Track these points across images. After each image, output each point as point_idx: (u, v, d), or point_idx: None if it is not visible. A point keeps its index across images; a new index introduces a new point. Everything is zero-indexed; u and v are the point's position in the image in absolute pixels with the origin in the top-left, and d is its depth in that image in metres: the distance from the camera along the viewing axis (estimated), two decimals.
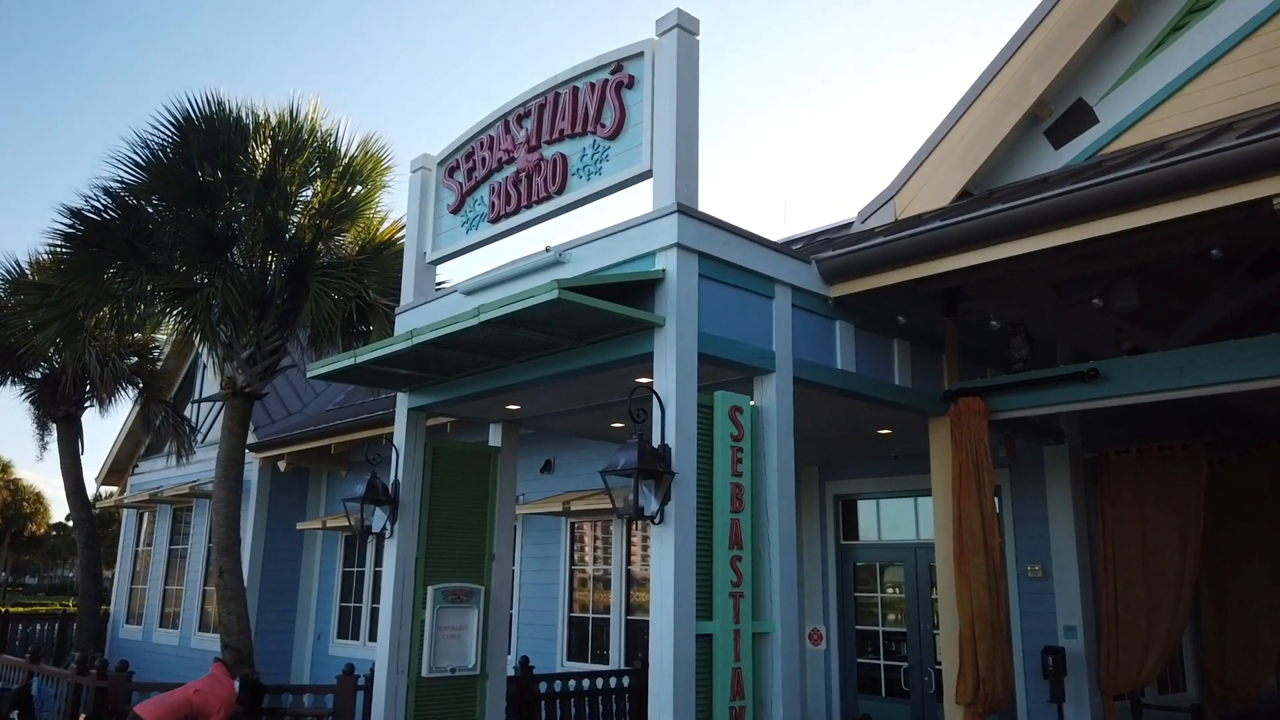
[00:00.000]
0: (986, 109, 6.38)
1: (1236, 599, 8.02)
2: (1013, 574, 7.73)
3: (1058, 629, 7.38)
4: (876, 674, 8.91)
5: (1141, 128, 5.92)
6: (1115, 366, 6.00)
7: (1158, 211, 4.75)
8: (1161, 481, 7.09)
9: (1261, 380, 5.42)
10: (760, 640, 5.36)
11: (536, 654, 10.33)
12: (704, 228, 5.38)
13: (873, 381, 6.37)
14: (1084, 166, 5.88)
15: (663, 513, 5.00)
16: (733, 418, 5.40)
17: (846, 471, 9.45)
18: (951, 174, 6.53)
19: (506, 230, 6.54)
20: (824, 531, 9.49)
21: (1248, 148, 4.37)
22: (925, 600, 8.52)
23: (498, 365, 6.29)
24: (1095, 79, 6.15)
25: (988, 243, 5.44)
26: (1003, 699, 6.15)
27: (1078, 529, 7.46)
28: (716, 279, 5.45)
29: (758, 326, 5.69)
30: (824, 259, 6.11)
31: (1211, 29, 5.67)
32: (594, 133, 5.92)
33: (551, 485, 11.32)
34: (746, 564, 5.32)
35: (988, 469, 6.32)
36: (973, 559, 6.18)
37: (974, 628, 6.10)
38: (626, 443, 5.01)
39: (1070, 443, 7.59)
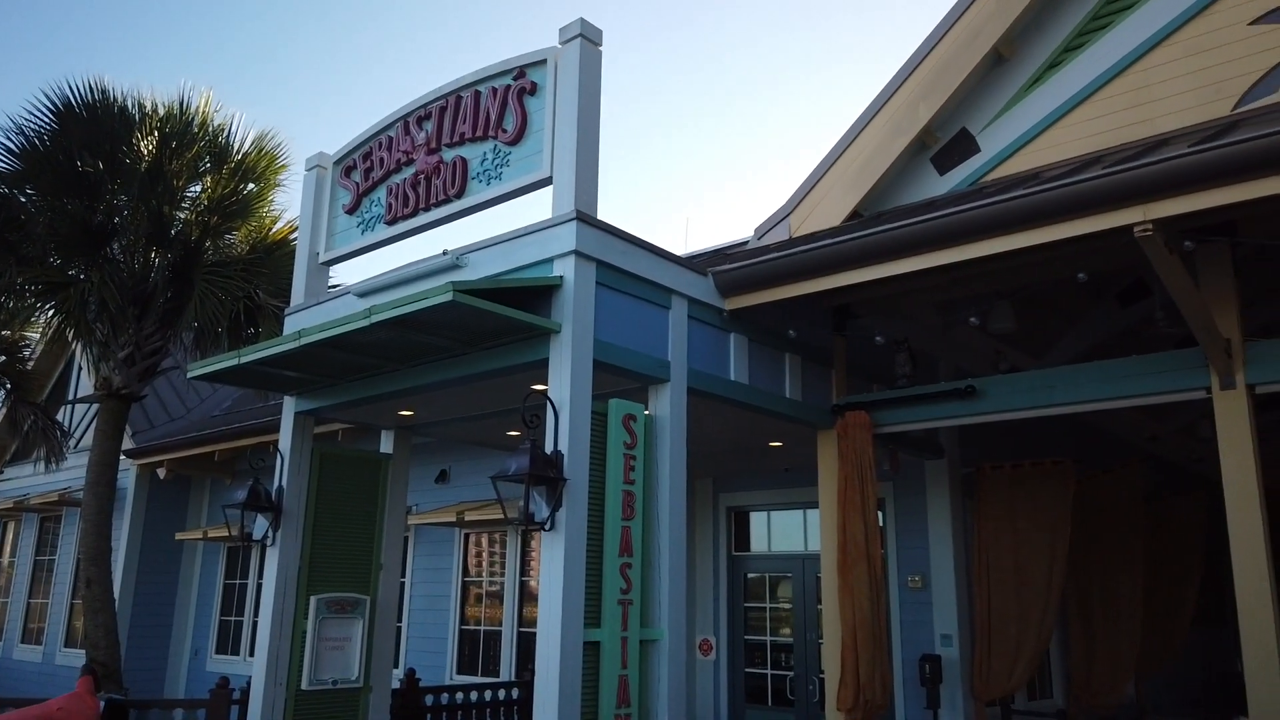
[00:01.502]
0: (877, 134, 6.62)
1: (1100, 609, 8.48)
2: (894, 584, 7.98)
3: (935, 638, 7.65)
4: (764, 683, 9.05)
5: (1019, 158, 6.25)
6: (991, 384, 6.29)
7: (1031, 235, 5.02)
8: (1033, 496, 7.45)
9: (1121, 400, 5.76)
10: (648, 648, 5.38)
11: (426, 667, 10.11)
12: (603, 236, 5.42)
13: (765, 394, 6.51)
14: (966, 192, 6.16)
15: (554, 519, 4.99)
16: (627, 426, 5.43)
17: (739, 484, 9.60)
18: (843, 195, 6.75)
19: (404, 232, 6.45)
20: (716, 542, 9.61)
21: (1113, 178, 4.67)
22: (812, 610, 8.72)
23: (390, 369, 6.17)
24: (978, 110, 6.46)
25: (875, 261, 5.64)
26: (881, 705, 6.33)
27: (955, 541, 7.76)
28: (614, 287, 5.48)
29: (654, 336, 5.75)
30: (720, 272, 6.22)
31: (1085, 67, 6.04)
32: (495, 137, 5.91)
33: (446, 496, 11.14)
34: (636, 572, 5.35)
35: (872, 481, 6.52)
36: (855, 569, 6.36)
37: (855, 636, 6.27)
38: (519, 448, 4.99)
39: (950, 457, 7.90)
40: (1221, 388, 5.27)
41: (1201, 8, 5.59)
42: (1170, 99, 5.61)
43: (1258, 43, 5.41)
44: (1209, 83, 5.49)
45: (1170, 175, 4.46)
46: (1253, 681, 4.95)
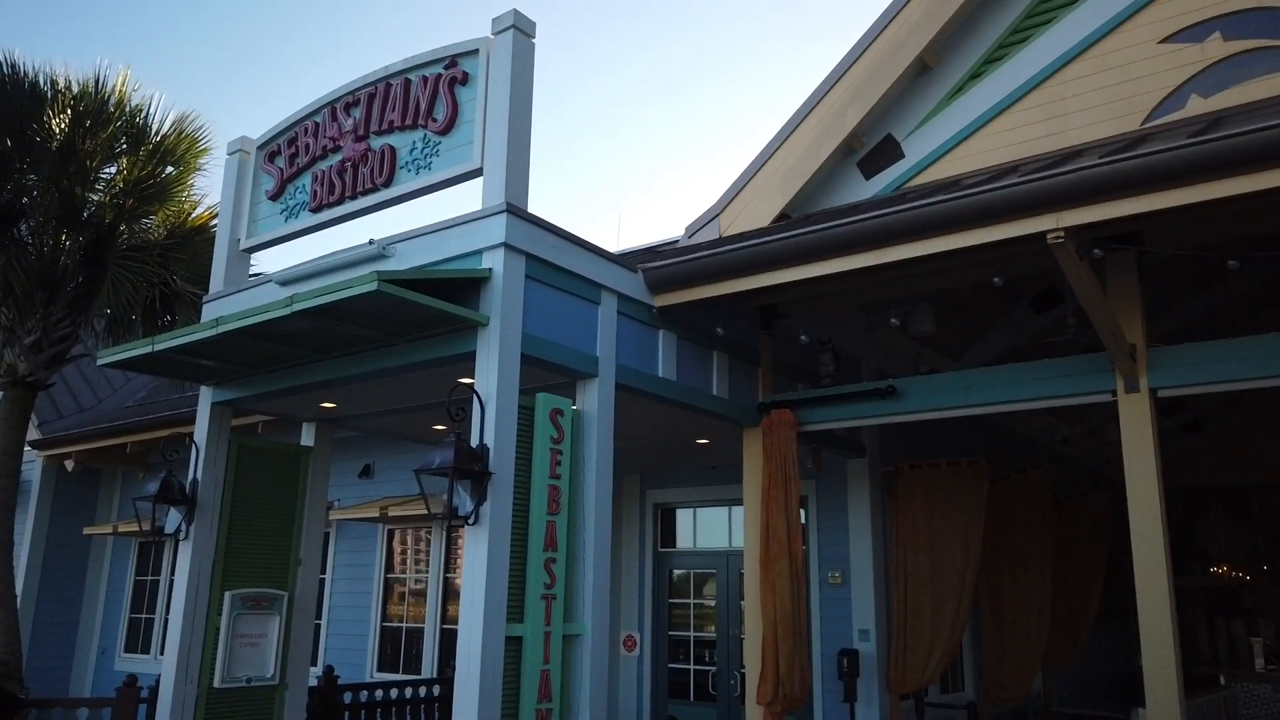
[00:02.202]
0: (806, 138, 6.74)
1: (1010, 605, 8.76)
2: (815, 580, 8.13)
3: (854, 632, 7.81)
4: (686, 678, 9.13)
5: (942, 164, 6.43)
6: (911, 384, 6.45)
7: (951, 240, 5.17)
8: (949, 495, 7.66)
9: (1033, 401, 5.98)
10: (571, 643, 5.38)
11: (345, 665, 9.92)
12: (533, 229, 5.40)
13: (692, 390, 6.57)
14: (890, 197, 6.31)
15: (478, 513, 4.96)
16: (554, 420, 5.42)
17: (666, 481, 9.66)
18: (772, 197, 6.85)
19: (329, 220, 6.33)
20: (643, 539, 9.65)
21: (1028, 186, 4.83)
22: (735, 606, 8.82)
23: (313, 360, 6.05)
24: (903, 117, 6.62)
25: (801, 261, 5.74)
26: (800, 699, 6.44)
27: (874, 538, 7.94)
28: (543, 281, 5.47)
29: (583, 331, 5.75)
30: (650, 269, 6.25)
31: (1005, 78, 6.24)
32: (425, 127, 5.83)
33: (369, 490, 10.96)
34: (561, 566, 5.34)
35: (795, 478, 6.64)
36: (777, 565, 6.46)
37: (776, 631, 6.37)
38: (443, 442, 4.94)
39: (870, 456, 8.08)
40: (1126, 391, 5.50)
41: (1115, 25, 5.82)
42: (1084, 112, 5.83)
43: (1167, 61, 5.66)
44: (1120, 97, 5.73)
45: (1082, 185, 4.64)
46: (1150, 676, 5.18)
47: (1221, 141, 4.31)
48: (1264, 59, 5.37)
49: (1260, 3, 5.40)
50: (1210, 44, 5.51)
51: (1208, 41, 5.52)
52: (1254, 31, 5.41)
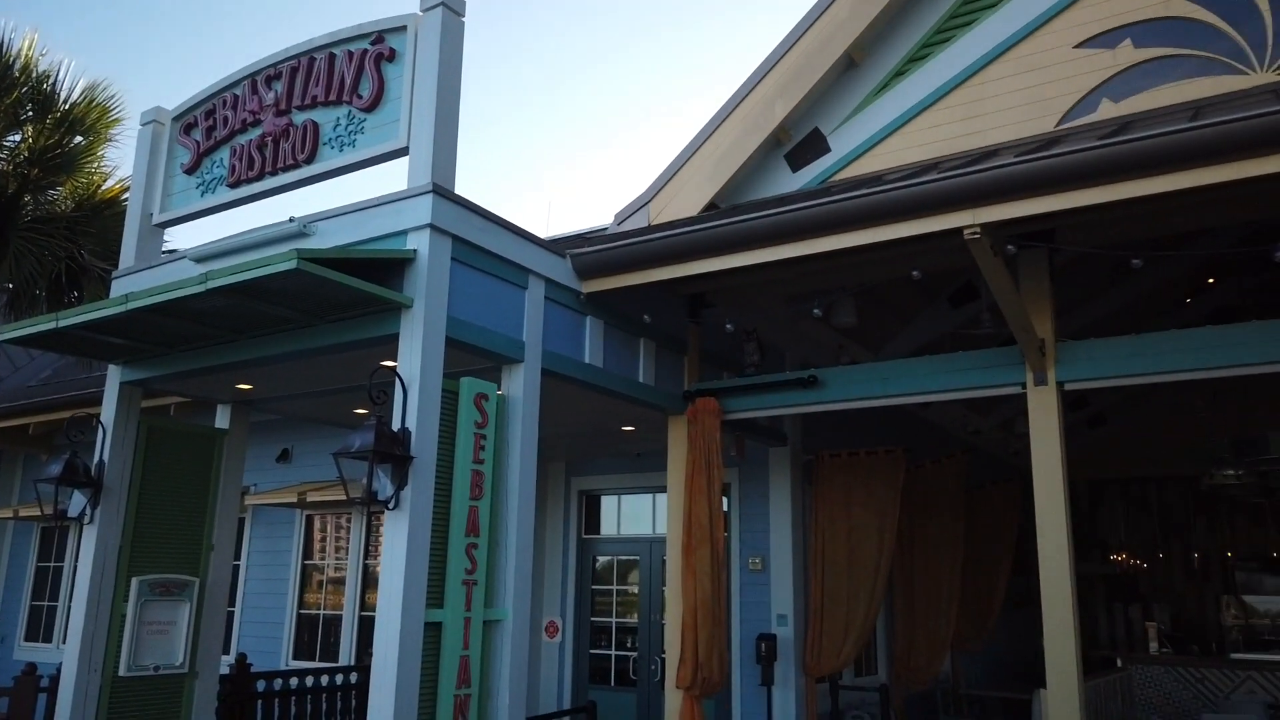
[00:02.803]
0: (735, 129, 6.79)
1: (922, 590, 9.04)
2: (736, 566, 8.25)
3: (772, 617, 7.96)
4: (608, 664, 9.18)
5: (866, 159, 6.55)
6: (832, 375, 6.58)
7: (873, 233, 5.28)
8: (866, 483, 7.85)
9: (948, 392, 6.16)
10: (492, 628, 5.36)
11: (259, 653, 9.70)
12: (460, 211, 5.33)
13: (619, 378, 6.58)
14: (816, 190, 6.41)
15: (398, 498, 4.89)
16: (478, 405, 5.38)
17: (591, 468, 9.67)
18: (701, 186, 6.89)
19: (248, 196, 6.14)
20: (567, 525, 9.66)
21: (947, 183, 4.96)
22: (657, 593, 8.89)
23: (228, 340, 5.88)
24: (830, 111, 6.73)
25: (728, 251, 5.79)
26: (718, 683, 6.54)
27: (794, 525, 8.09)
28: (469, 264, 5.41)
29: (509, 315, 5.71)
30: (578, 255, 6.24)
31: (928, 77, 6.38)
32: (350, 103, 5.70)
33: (287, 475, 10.71)
34: (483, 552, 5.31)
35: (718, 466, 6.71)
36: (699, 551, 6.53)
37: (696, 616, 6.44)
38: (364, 425, 4.86)
39: (792, 445, 8.22)
40: (1035, 384, 5.70)
41: (1033, 29, 6.00)
42: (1002, 112, 6.00)
43: (1082, 65, 5.86)
44: (1037, 99, 5.91)
45: (997, 183, 4.78)
46: (1051, 658, 5.41)
47: (1129, 145, 4.49)
48: (1171, 67, 5.60)
49: (1169, 13, 5.64)
50: (1122, 50, 5.73)
51: (1119, 48, 5.73)
52: (1162, 40, 5.64)
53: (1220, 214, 5.41)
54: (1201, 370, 5.37)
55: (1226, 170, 4.37)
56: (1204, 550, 14.09)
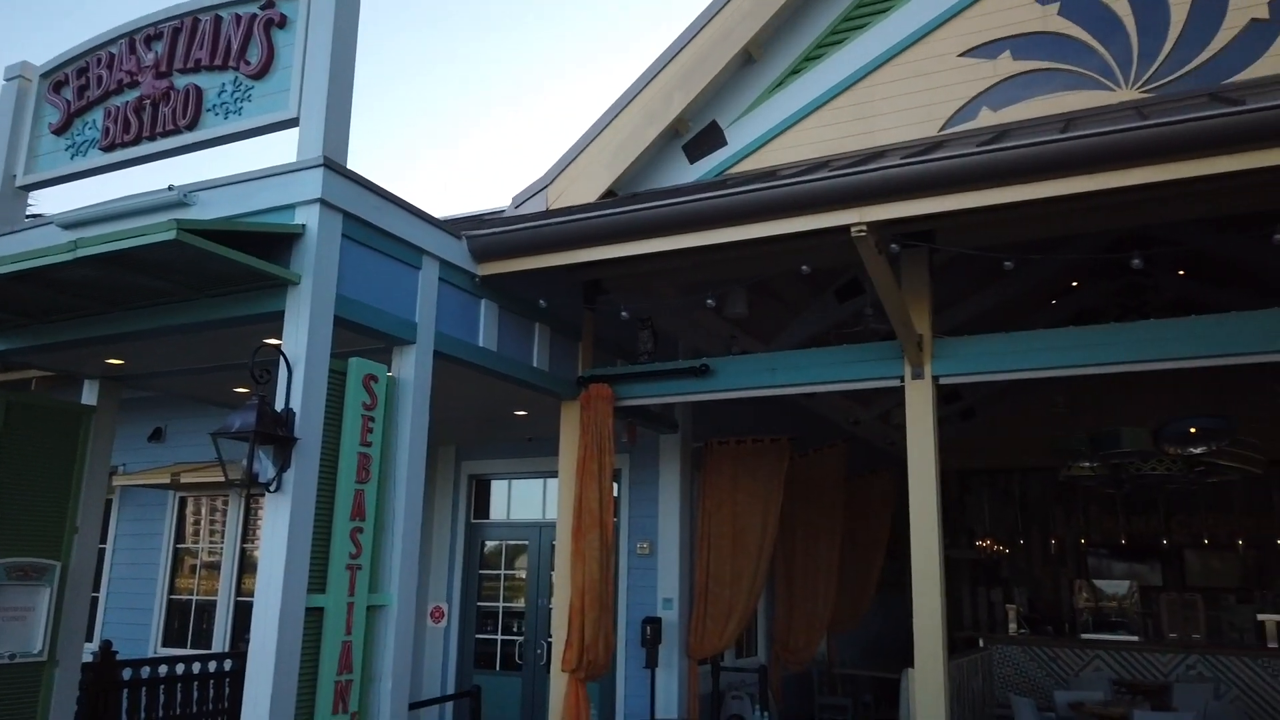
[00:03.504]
0: (634, 118, 6.83)
1: (802, 574, 9.35)
2: (624, 550, 8.35)
3: (658, 601, 8.09)
4: (494, 649, 9.16)
5: (762, 154, 6.70)
6: (723, 364, 6.73)
7: (766, 227, 5.41)
8: (752, 470, 8.06)
9: (832, 384, 6.38)
10: (375, 613, 5.29)
11: (127, 640, 9.28)
12: (352, 186, 5.20)
13: (513, 362, 6.56)
14: (712, 182, 6.52)
15: (280, 481, 4.76)
16: (367, 386, 5.27)
17: (483, 452, 9.61)
18: (600, 173, 6.91)
19: (123, 161, 5.84)
20: (456, 510, 9.57)
21: (837, 181, 5.13)
22: (545, 577, 8.92)
23: (98, 312, 5.58)
24: (727, 105, 6.85)
25: (625, 239, 5.83)
26: (603, 666, 6.62)
27: (682, 510, 8.24)
28: (361, 241, 5.29)
29: (401, 296, 5.62)
30: (474, 237, 6.18)
31: (822, 76, 6.57)
32: (237, 69, 5.48)
33: (160, 455, 10.24)
34: (368, 536, 5.22)
35: (610, 452, 6.78)
36: (588, 535, 6.59)
37: (584, 600, 6.50)
38: (245, 404, 4.70)
39: (683, 432, 8.36)
40: (913, 378, 5.97)
41: (921, 36, 6.25)
42: (890, 115, 6.24)
43: (965, 73, 6.14)
44: (922, 104, 6.17)
45: (883, 184, 4.98)
46: (919, 638, 5.69)
47: (1005, 152, 4.74)
48: (1046, 80, 5.93)
49: (1045, 28, 5.96)
50: (1002, 61, 6.03)
51: (1000, 59, 6.03)
52: (1039, 54, 5.96)
53: (1086, 221, 5.77)
54: (1064, 368, 5.72)
55: (1092, 180, 4.67)
56: (1060, 537, 15.03)
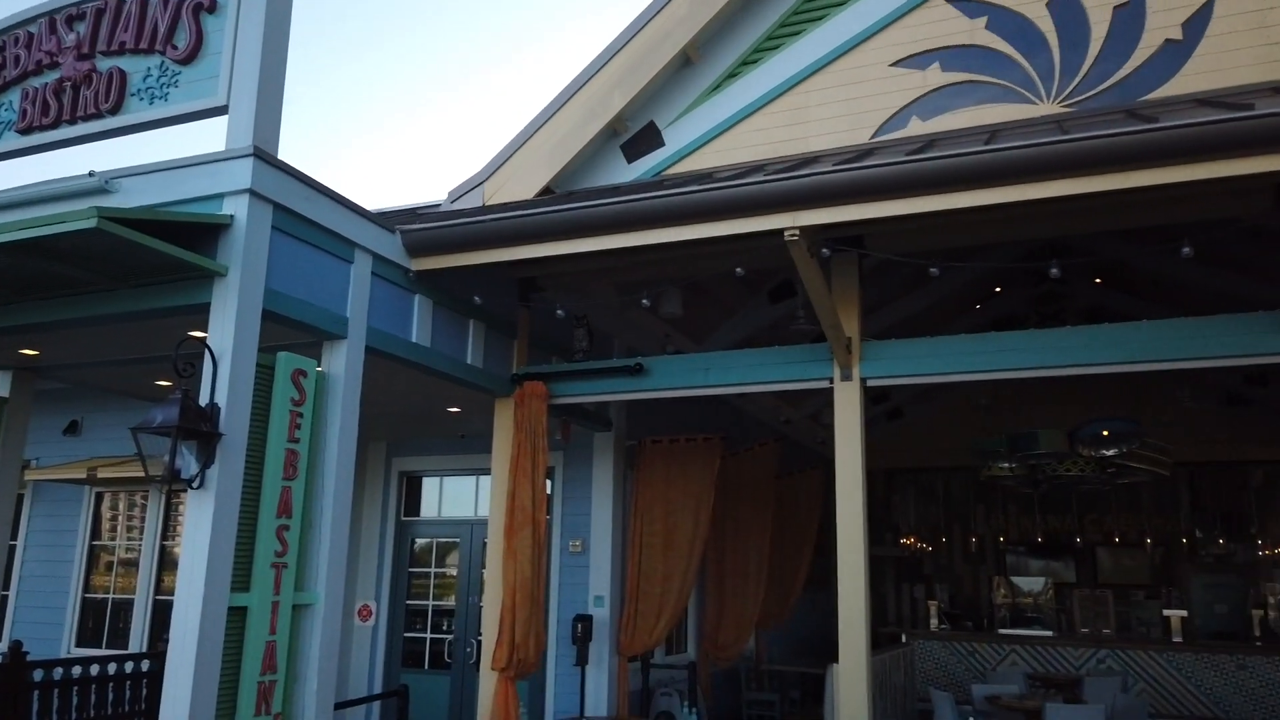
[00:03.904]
0: (573, 115, 6.83)
1: (732, 571, 9.48)
2: (556, 548, 8.35)
3: (589, 599, 8.12)
4: (423, 647, 9.07)
5: (698, 156, 6.76)
6: (657, 364, 6.78)
7: (702, 229, 5.48)
8: (685, 468, 8.14)
9: (763, 384, 6.48)
10: (301, 612, 5.20)
11: (38, 640, 8.93)
12: (282, 177, 5.10)
13: (447, 358, 6.51)
14: (649, 182, 6.56)
15: (203, 477, 4.66)
16: (295, 381, 5.19)
17: (414, 448, 9.50)
18: (537, 170, 6.89)
19: (41, 145, 5.66)
20: (386, 507, 9.45)
21: (771, 185, 5.22)
22: (476, 575, 8.86)
23: (12, 300, 5.38)
24: (666, 106, 6.89)
25: (562, 237, 5.84)
26: (533, 664, 6.62)
27: (615, 508, 8.27)
28: (291, 234, 5.20)
29: (333, 289, 5.53)
30: (409, 231, 6.11)
31: (759, 81, 6.65)
32: (164, 53, 5.34)
33: (76, 449, 9.88)
34: (295, 534, 5.14)
35: (543, 449, 6.77)
36: (521, 533, 6.58)
37: (515, 598, 6.49)
38: (168, 398, 4.59)
39: (617, 430, 8.40)
40: (841, 380, 6.10)
41: (854, 44, 6.38)
42: (823, 121, 6.36)
43: (896, 82, 6.28)
44: (855, 111, 6.30)
45: (815, 189, 5.08)
46: (844, 634, 5.83)
47: (932, 162, 4.88)
48: (973, 91, 6.11)
49: (973, 41, 6.14)
50: (931, 72, 6.20)
51: (929, 70, 6.20)
52: (967, 66, 6.14)
53: (1009, 230, 5.97)
54: (985, 372, 5.91)
55: (1014, 191, 4.84)
56: (980, 535, 15.49)
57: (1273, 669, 10.42)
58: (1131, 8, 5.76)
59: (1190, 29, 5.59)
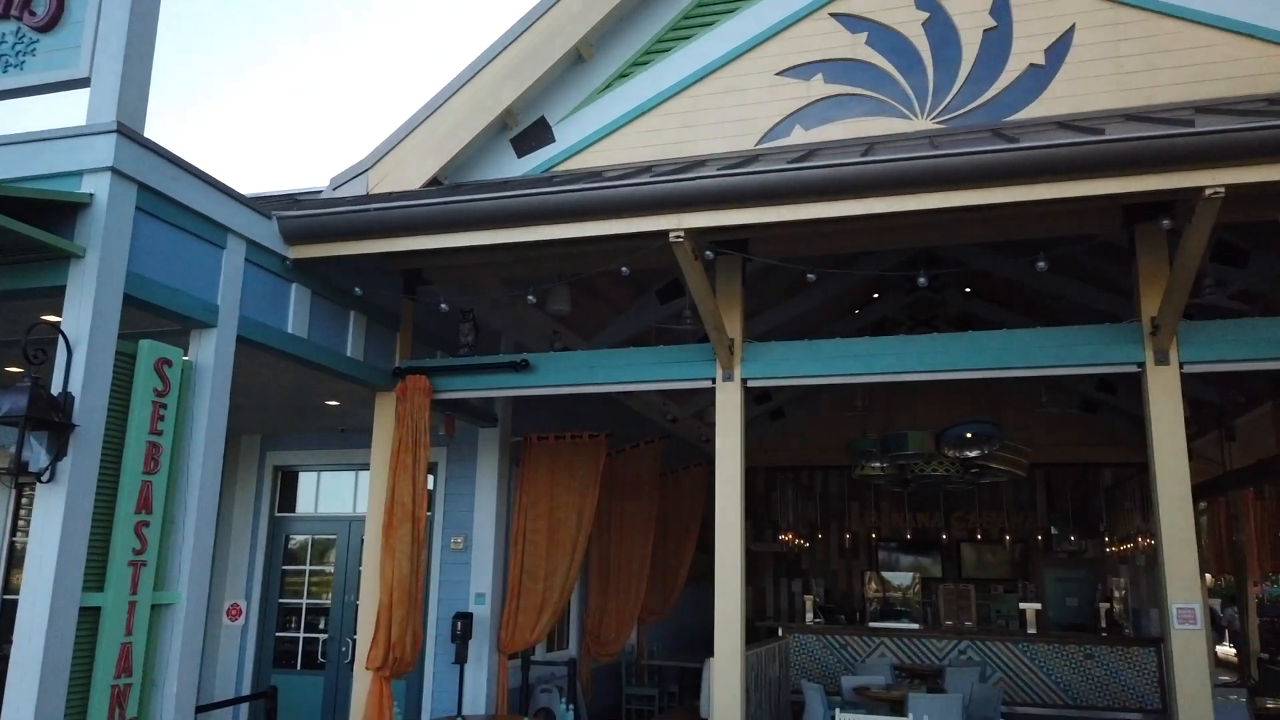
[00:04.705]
0: (462, 106, 6.74)
1: (616, 567, 9.55)
2: (438, 545, 8.23)
3: (470, 596, 8.03)
4: (296, 647, 8.79)
5: (589, 154, 6.77)
6: (544, 360, 6.76)
7: (590, 227, 5.50)
8: (570, 465, 8.14)
9: (648, 382, 6.55)
10: (161, 612, 4.98)
11: None
12: (148, 156, 4.86)
13: (325, 350, 6.32)
14: (539, 178, 6.53)
15: (54, 470, 4.40)
16: (159, 371, 4.95)
17: (291, 442, 9.19)
18: (425, 160, 6.77)
19: None
20: (259, 502, 9.11)
21: (659, 187, 5.28)
22: (354, 573, 8.64)
23: None
24: (557, 102, 6.88)
25: (448, 230, 5.76)
26: (410, 663, 6.51)
27: (499, 505, 8.21)
28: (157, 216, 4.96)
29: (203, 276, 5.30)
30: (286, 218, 5.91)
31: (649, 82, 6.71)
32: (19, 19, 5.02)
33: None
34: (155, 530, 4.90)
35: (425, 445, 6.66)
36: (400, 530, 6.46)
37: (392, 596, 6.37)
38: (15, 386, 4.31)
39: (503, 426, 8.33)
40: (723, 380, 6.23)
41: (743, 52, 6.51)
42: (711, 125, 6.47)
43: (781, 91, 6.45)
44: (741, 118, 6.43)
45: (701, 193, 5.17)
46: (719, 628, 5.96)
47: (812, 171, 5.03)
48: (853, 104, 6.32)
49: (854, 55, 6.35)
50: (815, 83, 6.38)
51: (813, 81, 6.38)
52: (848, 79, 6.35)
53: (886, 239, 6.21)
54: (859, 375, 6.14)
55: (888, 202, 5.04)
56: (855, 532, 16.07)
57: (1115, 658, 11.19)
58: (1000, 32, 6.08)
59: (1052, 55, 5.94)
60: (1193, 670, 5.14)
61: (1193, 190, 4.62)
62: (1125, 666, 11.15)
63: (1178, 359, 5.50)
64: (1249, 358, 5.47)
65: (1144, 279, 5.62)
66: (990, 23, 6.11)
